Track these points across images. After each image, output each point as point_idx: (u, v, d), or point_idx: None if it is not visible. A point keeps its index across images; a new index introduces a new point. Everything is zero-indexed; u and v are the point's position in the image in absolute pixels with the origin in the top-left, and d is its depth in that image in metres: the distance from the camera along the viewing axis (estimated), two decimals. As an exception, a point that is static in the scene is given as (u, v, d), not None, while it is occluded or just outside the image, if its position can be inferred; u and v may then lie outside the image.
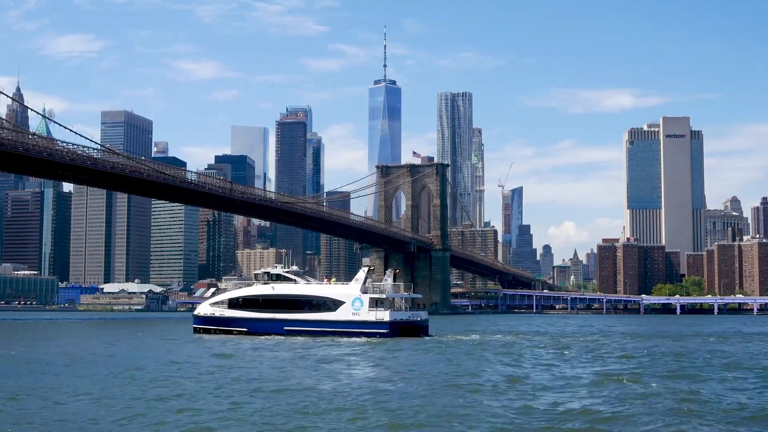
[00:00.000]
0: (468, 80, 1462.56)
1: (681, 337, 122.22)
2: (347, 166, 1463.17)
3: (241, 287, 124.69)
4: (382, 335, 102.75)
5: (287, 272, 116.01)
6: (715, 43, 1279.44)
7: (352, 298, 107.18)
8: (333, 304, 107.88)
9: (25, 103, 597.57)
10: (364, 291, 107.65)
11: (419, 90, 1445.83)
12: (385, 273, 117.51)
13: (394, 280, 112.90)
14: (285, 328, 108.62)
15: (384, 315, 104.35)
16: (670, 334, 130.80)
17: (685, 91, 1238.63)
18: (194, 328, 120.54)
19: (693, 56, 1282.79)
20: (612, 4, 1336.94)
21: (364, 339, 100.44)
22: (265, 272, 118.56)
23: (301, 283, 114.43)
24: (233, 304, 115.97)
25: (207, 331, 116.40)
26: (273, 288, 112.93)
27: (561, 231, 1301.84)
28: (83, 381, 51.90)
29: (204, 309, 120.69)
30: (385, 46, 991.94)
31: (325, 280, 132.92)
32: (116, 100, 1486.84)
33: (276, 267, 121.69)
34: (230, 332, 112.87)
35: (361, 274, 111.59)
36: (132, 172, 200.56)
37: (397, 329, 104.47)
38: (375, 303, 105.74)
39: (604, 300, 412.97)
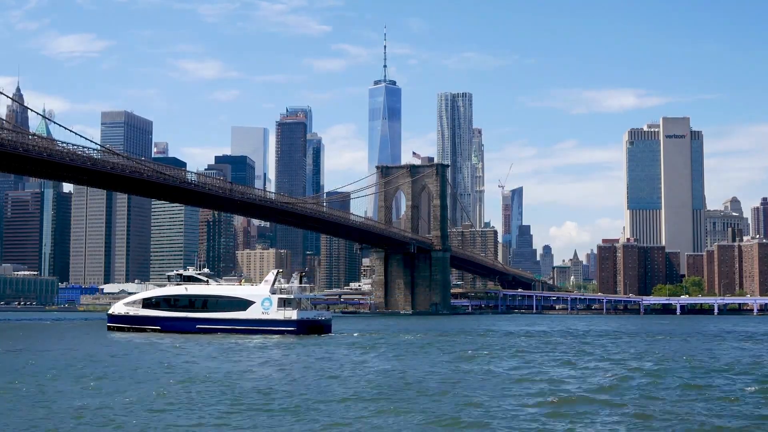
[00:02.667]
0: (470, 80, 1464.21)
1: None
2: (349, 167, 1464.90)
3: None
4: (290, 333, 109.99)
5: (199, 274, 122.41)
6: (717, 44, 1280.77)
7: (262, 298, 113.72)
8: (244, 304, 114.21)
9: (26, 104, 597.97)
10: (273, 292, 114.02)
11: (420, 90, 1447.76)
12: (298, 277, 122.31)
13: (300, 282, 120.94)
14: (197, 326, 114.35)
15: (292, 314, 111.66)
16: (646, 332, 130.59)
17: (687, 92, 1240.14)
18: (108, 326, 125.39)
19: (695, 57, 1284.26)
20: (614, 5, 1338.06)
21: (276, 337, 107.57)
22: (178, 274, 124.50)
23: (213, 284, 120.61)
24: (147, 303, 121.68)
25: (121, 330, 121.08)
26: (186, 288, 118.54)
27: (562, 231, 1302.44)
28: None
29: (118, 308, 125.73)
30: (385, 47, 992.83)
31: (237, 281, 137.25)
32: (117, 100, 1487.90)
33: (188, 269, 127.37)
34: (144, 330, 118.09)
35: (271, 275, 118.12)
36: (132, 173, 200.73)
37: (304, 327, 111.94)
38: (283, 303, 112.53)
39: (604, 300, 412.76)
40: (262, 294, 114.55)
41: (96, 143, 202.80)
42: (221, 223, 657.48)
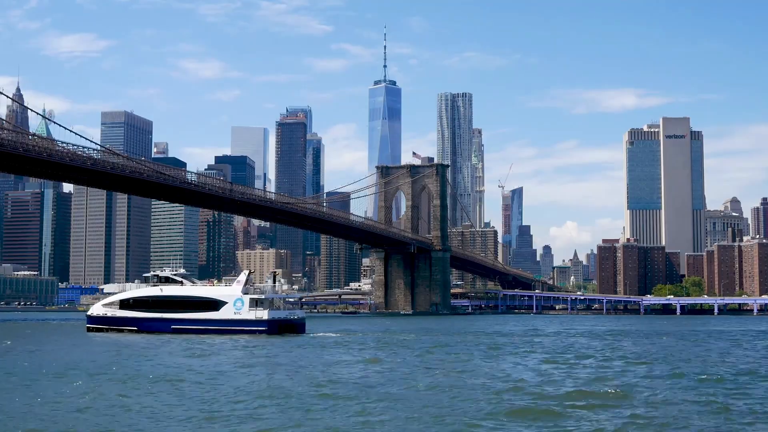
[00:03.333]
0: (471, 80, 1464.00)
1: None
2: (349, 167, 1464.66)
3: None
4: (261, 332, 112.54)
5: (175, 275, 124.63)
6: (719, 44, 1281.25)
7: (234, 298, 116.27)
8: (217, 304, 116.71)
9: (26, 104, 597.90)
10: (246, 292, 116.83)
11: (421, 90, 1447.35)
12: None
13: (274, 282, 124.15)
14: (172, 326, 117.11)
15: (263, 314, 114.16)
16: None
17: (687, 91, 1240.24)
18: (87, 327, 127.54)
19: (696, 56, 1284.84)
20: (615, 5, 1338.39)
21: (246, 336, 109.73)
22: (155, 275, 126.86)
23: (188, 285, 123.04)
24: (124, 304, 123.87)
25: (100, 330, 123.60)
26: (161, 290, 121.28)
27: (563, 231, 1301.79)
28: None
29: (96, 309, 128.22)
30: (385, 47, 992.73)
31: (209, 282, 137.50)
32: (118, 100, 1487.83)
33: (164, 270, 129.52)
34: (121, 331, 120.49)
35: (243, 276, 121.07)
36: (132, 173, 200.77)
37: (275, 327, 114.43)
38: (255, 303, 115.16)
39: (604, 300, 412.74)
40: (234, 294, 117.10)
41: (96, 143, 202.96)
42: (221, 223, 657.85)
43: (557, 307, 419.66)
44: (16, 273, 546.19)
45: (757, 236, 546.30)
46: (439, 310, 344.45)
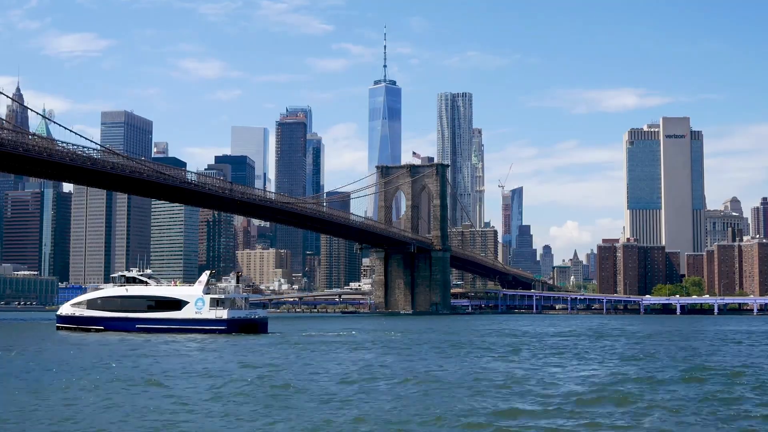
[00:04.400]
0: (472, 80, 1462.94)
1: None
2: (350, 166, 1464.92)
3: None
4: (220, 331, 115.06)
5: (141, 275, 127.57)
6: (719, 44, 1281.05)
7: (195, 298, 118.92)
8: (179, 304, 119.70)
9: (26, 104, 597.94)
10: (207, 292, 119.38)
11: (421, 90, 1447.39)
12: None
13: (237, 283, 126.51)
14: (137, 326, 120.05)
15: (222, 313, 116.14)
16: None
17: (688, 91, 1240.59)
18: (57, 326, 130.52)
19: (697, 56, 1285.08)
20: (616, 5, 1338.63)
21: (204, 336, 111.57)
22: (121, 275, 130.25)
23: (153, 285, 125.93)
24: (92, 304, 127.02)
25: (68, 329, 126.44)
26: (127, 290, 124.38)
27: (563, 231, 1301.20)
28: None
29: (66, 309, 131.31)
30: (385, 47, 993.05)
31: (173, 282, 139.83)
32: (118, 100, 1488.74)
33: (131, 270, 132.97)
34: (89, 330, 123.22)
35: (204, 276, 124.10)
36: (132, 173, 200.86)
37: (234, 326, 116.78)
38: (216, 303, 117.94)
39: (604, 300, 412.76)
40: (195, 294, 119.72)
41: (96, 143, 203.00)
42: (221, 223, 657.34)
43: (557, 307, 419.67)
44: (16, 273, 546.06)
45: (757, 236, 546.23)
46: (439, 310, 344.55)
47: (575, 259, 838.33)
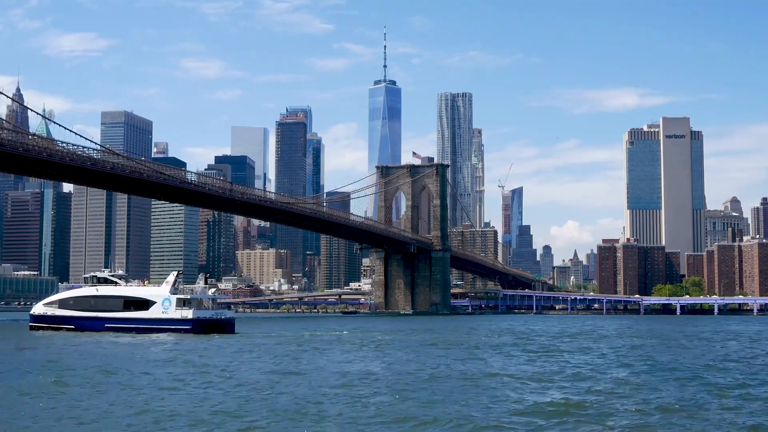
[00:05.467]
0: (473, 79, 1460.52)
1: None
2: (351, 166, 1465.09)
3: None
4: (186, 331, 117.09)
5: (112, 275, 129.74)
6: (720, 43, 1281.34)
7: (162, 298, 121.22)
8: (146, 304, 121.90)
9: (26, 104, 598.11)
10: (174, 292, 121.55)
11: (422, 90, 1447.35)
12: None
13: (206, 283, 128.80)
14: (106, 325, 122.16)
15: (188, 313, 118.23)
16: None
17: (689, 91, 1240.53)
18: (30, 326, 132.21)
19: (698, 56, 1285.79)
20: (617, 5, 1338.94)
21: (168, 335, 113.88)
22: (93, 275, 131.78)
23: (122, 285, 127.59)
24: (63, 304, 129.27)
25: (41, 329, 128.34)
26: (97, 290, 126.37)
27: (563, 231, 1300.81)
28: None
29: (39, 309, 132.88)
30: (384, 47, 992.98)
31: (140, 282, 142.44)
32: (118, 99, 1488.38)
33: (103, 271, 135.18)
34: (60, 329, 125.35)
35: (171, 277, 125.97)
36: (132, 173, 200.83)
37: (200, 326, 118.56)
38: (182, 303, 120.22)
39: (604, 300, 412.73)
40: (162, 294, 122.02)
41: (96, 143, 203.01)
42: (221, 223, 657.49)
43: (557, 307, 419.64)
44: (16, 273, 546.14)
45: (757, 236, 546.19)
46: (439, 310, 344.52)
47: (575, 259, 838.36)
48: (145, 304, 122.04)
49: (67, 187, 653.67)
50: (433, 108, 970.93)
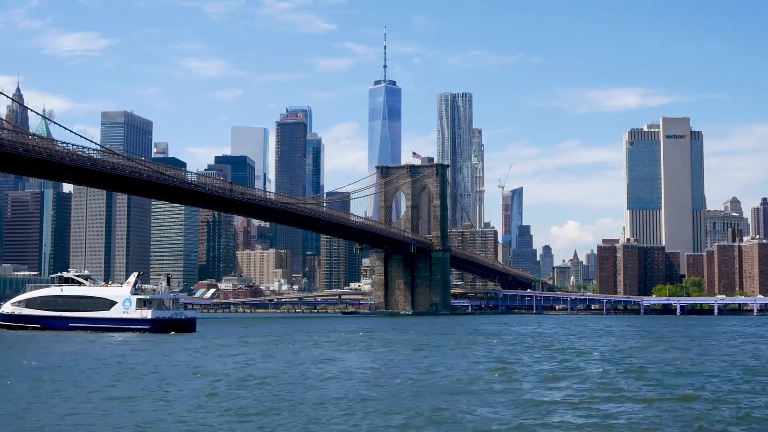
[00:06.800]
0: (474, 79, 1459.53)
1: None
2: (351, 166, 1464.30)
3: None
4: (145, 330, 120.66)
5: (78, 275, 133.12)
6: (721, 43, 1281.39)
7: (123, 298, 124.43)
8: (108, 304, 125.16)
9: (26, 104, 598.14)
10: (135, 293, 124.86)
11: (422, 90, 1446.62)
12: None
13: (168, 284, 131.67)
14: (70, 324, 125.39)
15: (147, 313, 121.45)
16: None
17: (690, 91, 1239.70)
18: None
19: (698, 56, 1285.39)
20: (618, 5, 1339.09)
21: (126, 334, 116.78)
22: (59, 275, 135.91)
23: (87, 285, 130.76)
24: (30, 303, 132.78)
25: (9, 327, 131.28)
26: (62, 290, 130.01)
27: (564, 231, 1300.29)
28: None
29: (7, 308, 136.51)
30: (384, 47, 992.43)
31: (103, 283, 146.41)
32: (119, 99, 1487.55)
33: (69, 271, 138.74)
34: (26, 328, 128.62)
35: (132, 277, 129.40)
36: (132, 173, 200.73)
37: (159, 326, 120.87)
38: (143, 303, 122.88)
39: (604, 301, 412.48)
40: (123, 295, 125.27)
41: (96, 143, 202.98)
42: (221, 223, 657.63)
43: (557, 308, 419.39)
44: (16, 273, 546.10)
45: (757, 236, 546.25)
46: (438, 310, 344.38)
47: (575, 260, 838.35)
48: (107, 304, 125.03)
49: (67, 187, 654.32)
50: (433, 108, 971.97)
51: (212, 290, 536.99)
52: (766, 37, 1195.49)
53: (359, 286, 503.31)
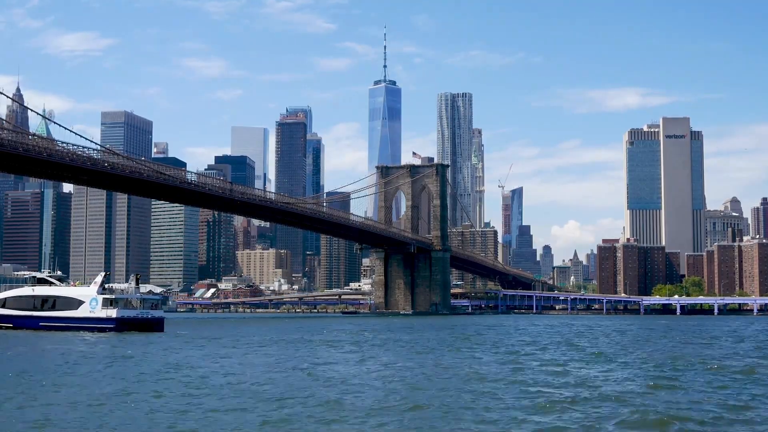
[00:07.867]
0: (475, 79, 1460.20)
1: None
2: (352, 166, 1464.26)
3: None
4: (110, 330, 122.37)
5: (50, 276, 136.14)
6: (720, 43, 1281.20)
7: (90, 298, 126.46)
8: (76, 303, 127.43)
9: (26, 103, 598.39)
10: (101, 292, 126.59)
11: (422, 90, 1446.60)
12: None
13: (137, 284, 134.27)
14: (40, 323, 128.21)
15: (112, 312, 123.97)
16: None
17: (690, 91, 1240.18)
18: None
19: (698, 56, 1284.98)
20: (619, 5, 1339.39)
21: (92, 334, 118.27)
22: (32, 276, 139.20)
23: (57, 285, 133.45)
24: (2, 303, 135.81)
25: None
26: (33, 289, 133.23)
27: (564, 231, 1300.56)
28: None
29: None
30: (385, 47, 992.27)
31: (72, 282, 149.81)
32: (119, 99, 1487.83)
33: (43, 272, 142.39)
34: (1, 328, 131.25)
35: (99, 277, 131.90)
36: (132, 173, 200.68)
37: (123, 325, 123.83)
38: (109, 302, 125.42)
39: (604, 300, 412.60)
40: (90, 294, 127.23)
41: (96, 143, 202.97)
42: (221, 223, 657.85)
43: (557, 307, 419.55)
44: (16, 273, 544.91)
45: (757, 236, 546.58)
46: (439, 310, 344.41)
47: (575, 260, 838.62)
48: (76, 303, 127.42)
49: (67, 187, 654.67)
50: (433, 108, 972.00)
51: (212, 290, 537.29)
52: (766, 37, 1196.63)
53: (359, 286, 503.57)
